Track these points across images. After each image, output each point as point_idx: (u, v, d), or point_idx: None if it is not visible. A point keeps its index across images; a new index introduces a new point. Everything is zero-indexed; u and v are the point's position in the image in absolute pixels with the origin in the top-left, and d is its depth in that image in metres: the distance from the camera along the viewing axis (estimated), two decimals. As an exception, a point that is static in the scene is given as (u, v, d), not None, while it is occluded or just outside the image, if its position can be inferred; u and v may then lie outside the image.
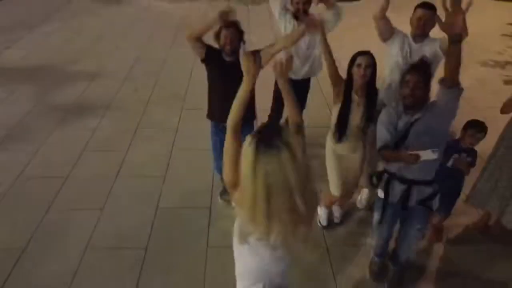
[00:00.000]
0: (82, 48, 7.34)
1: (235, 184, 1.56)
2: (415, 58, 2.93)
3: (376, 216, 2.78)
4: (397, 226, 2.87)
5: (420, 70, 2.38)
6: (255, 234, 1.51)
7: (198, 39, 3.01)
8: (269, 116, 4.13)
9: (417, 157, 2.22)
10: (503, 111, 3.03)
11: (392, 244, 3.02)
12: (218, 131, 3.28)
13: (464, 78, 2.29)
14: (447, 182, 2.76)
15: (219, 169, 3.42)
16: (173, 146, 4.55)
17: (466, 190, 3.29)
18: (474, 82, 5.85)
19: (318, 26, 2.83)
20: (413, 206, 2.56)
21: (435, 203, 2.57)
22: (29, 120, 5.04)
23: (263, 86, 2.98)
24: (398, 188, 2.55)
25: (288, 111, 1.90)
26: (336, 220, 3.52)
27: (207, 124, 3.44)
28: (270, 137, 1.38)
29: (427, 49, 3.05)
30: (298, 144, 1.39)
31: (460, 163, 2.94)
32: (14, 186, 3.91)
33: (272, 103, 4.11)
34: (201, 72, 3.30)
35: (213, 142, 3.45)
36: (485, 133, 2.95)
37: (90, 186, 3.90)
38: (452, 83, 2.19)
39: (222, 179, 2.79)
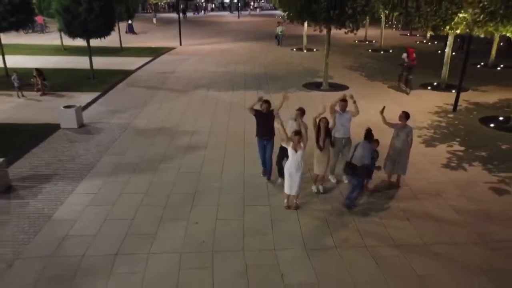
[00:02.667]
0: (178, 118, 12.55)
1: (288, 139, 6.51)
2: (343, 120, 7.99)
3: (354, 182, 7.50)
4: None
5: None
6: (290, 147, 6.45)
7: (252, 109, 8.06)
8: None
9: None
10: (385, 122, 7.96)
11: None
12: (261, 142, 8.22)
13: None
14: (371, 164, 7.56)
15: (264, 164, 8.32)
16: (245, 159, 9.39)
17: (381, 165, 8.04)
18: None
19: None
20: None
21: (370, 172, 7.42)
22: (169, 153, 9.97)
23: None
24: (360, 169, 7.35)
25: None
26: (321, 191, 8.20)
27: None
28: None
29: (348, 116, 8.12)
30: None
31: (375, 156, 7.77)
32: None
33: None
34: (248, 128, 8.28)
35: (259, 149, 8.37)
36: (378, 144, 7.78)
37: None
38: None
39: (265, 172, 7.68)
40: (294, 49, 27.14)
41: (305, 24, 19.76)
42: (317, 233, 6.80)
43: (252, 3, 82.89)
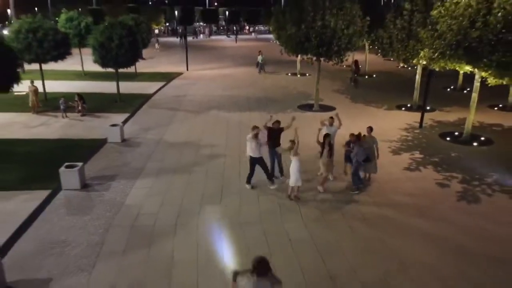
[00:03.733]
0: (198, 134, 15.61)
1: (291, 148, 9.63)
2: (331, 131, 11.17)
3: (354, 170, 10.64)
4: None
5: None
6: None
7: (266, 126, 11.19)
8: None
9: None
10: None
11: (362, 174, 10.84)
12: (271, 151, 11.31)
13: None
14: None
15: (272, 166, 11.40)
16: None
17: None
18: (380, 144, 13.90)
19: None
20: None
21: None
22: (197, 160, 13.00)
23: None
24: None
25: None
26: (322, 191, 11.24)
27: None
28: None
29: (334, 129, 11.32)
30: None
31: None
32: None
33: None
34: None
35: (270, 155, 11.44)
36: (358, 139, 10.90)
37: (233, 175, 11.75)
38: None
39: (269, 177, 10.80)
40: (289, 74, 30.57)
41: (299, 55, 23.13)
42: (313, 211, 9.83)
43: (247, 27, 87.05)
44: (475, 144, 15.02)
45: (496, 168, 12.66)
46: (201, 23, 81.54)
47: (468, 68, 14.34)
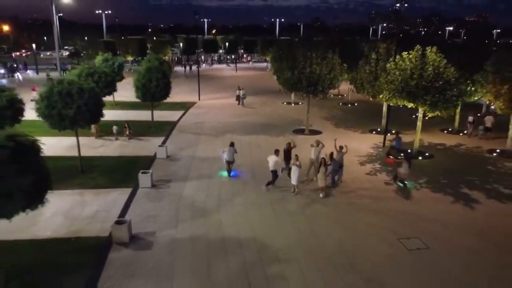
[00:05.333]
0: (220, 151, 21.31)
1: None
2: (317, 150, 16.97)
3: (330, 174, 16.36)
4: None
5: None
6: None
7: (286, 148, 17.03)
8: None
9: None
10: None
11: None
12: (287, 162, 17.10)
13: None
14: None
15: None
16: (264, 171, 18.13)
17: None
18: (353, 158, 19.67)
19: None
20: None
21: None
22: (217, 169, 18.69)
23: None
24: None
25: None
26: (323, 196, 16.92)
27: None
28: None
29: (319, 148, 17.14)
30: None
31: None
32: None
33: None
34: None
35: (285, 165, 17.20)
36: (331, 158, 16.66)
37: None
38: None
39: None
40: (285, 103, 36.60)
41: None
42: (308, 201, 15.47)
43: (245, 56, 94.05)
44: (420, 158, 20.88)
45: (429, 174, 18.47)
46: (202, 52, 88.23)
47: (412, 105, 20.30)
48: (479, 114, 30.46)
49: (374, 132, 26.06)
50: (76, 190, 16.03)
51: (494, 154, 21.95)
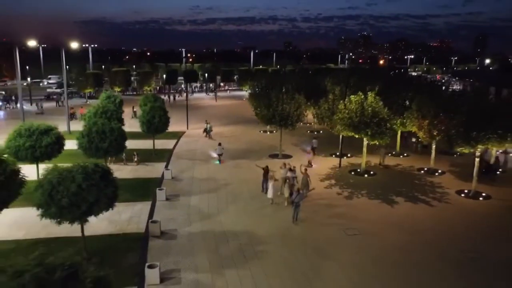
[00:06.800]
0: (215, 173, 27.22)
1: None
2: (284, 172, 23.28)
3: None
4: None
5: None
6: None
7: (261, 167, 23.24)
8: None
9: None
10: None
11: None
12: (264, 180, 23.24)
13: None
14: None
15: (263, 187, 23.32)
16: (251, 187, 24.17)
17: (296, 188, 23.09)
18: (316, 176, 25.96)
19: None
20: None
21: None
22: (220, 187, 24.61)
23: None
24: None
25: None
26: (286, 204, 23.07)
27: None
28: None
29: (285, 170, 23.47)
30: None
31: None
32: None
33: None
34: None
35: (263, 182, 23.35)
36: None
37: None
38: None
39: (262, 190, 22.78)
40: (261, 132, 43.00)
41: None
42: (280, 208, 21.56)
43: (223, 84, 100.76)
44: (366, 175, 27.49)
45: (370, 187, 25.02)
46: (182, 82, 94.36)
47: (357, 136, 26.96)
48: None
49: (333, 156, 32.66)
50: (110, 203, 21.57)
51: (422, 171, 28.88)
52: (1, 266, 7.16)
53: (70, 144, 25.19)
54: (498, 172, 28.03)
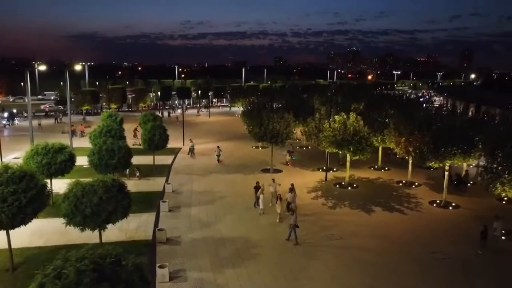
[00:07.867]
0: (212, 186, 29.75)
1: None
2: (275, 186, 25.97)
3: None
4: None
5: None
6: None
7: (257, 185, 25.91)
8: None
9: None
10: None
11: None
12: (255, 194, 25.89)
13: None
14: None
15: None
16: (245, 199, 26.74)
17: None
18: (303, 189, 28.63)
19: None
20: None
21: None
22: (217, 198, 27.13)
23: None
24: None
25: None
26: (277, 221, 25.66)
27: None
28: None
29: (275, 185, 26.10)
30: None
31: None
32: (222, 204, 26.04)
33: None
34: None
35: (256, 194, 25.96)
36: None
37: (234, 204, 26.11)
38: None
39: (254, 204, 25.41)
40: (254, 147, 45.67)
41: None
42: (271, 216, 24.13)
43: (215, 101, 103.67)
44: (349, 188, 30.26)
45: (352, 199, 27.74)
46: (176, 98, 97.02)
47: (341, 152, 29.78)
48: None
49: (320, 170, 35.41)
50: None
51: (400, 184, 31.77)
52: (64, 255, 9.65)
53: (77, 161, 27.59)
54: (468, 185, 31.03)
